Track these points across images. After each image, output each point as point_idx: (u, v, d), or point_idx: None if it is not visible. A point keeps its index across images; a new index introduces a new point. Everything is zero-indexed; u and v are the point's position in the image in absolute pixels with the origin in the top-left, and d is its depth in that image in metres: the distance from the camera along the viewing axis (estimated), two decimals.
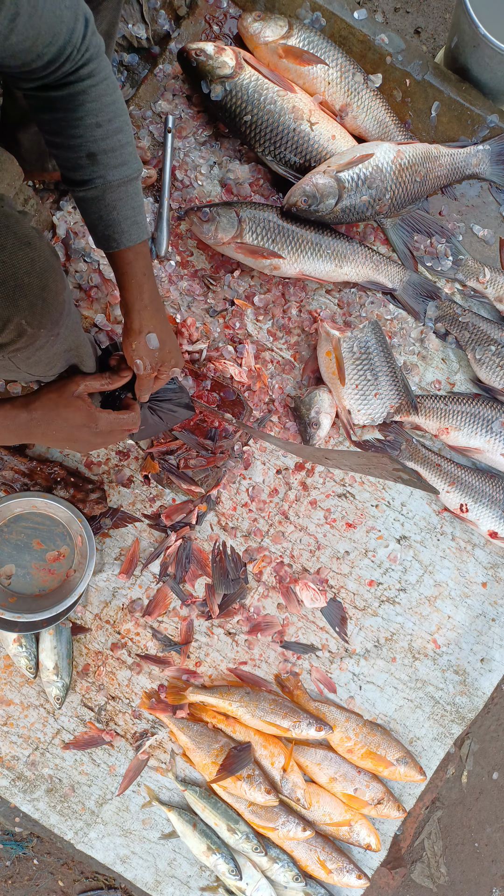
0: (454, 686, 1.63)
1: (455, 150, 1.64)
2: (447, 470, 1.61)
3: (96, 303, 1.58)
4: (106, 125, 1.01)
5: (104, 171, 1.04)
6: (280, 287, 1.62)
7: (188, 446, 1.51)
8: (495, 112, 1.69)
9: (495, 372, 1.62)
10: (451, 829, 1.93)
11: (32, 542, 1.53)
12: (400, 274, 1.63)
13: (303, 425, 1.57)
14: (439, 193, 1.68)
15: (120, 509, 1.57)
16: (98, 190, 1.06)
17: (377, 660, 1.62)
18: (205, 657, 1.58)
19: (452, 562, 1.64)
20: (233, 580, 1.57)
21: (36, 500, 1.49)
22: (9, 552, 1.52)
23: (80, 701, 1.57)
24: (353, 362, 1.54)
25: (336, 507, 1.62)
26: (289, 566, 1.60)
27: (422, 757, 1.62)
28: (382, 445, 1.62)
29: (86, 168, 1.04)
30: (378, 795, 1.56)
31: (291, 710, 1.53)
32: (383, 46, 1.65)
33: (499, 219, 1.71)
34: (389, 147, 1.56)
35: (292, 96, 1.54)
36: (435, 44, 2.12)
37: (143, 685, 1.57)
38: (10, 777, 1.56)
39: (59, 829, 1.57)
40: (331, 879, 1.55)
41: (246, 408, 1.55)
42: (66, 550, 1.53)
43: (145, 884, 1.59)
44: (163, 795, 1.58)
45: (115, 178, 1.05)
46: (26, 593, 1.52)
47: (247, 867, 1.55)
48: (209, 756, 1.52)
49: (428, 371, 1.66)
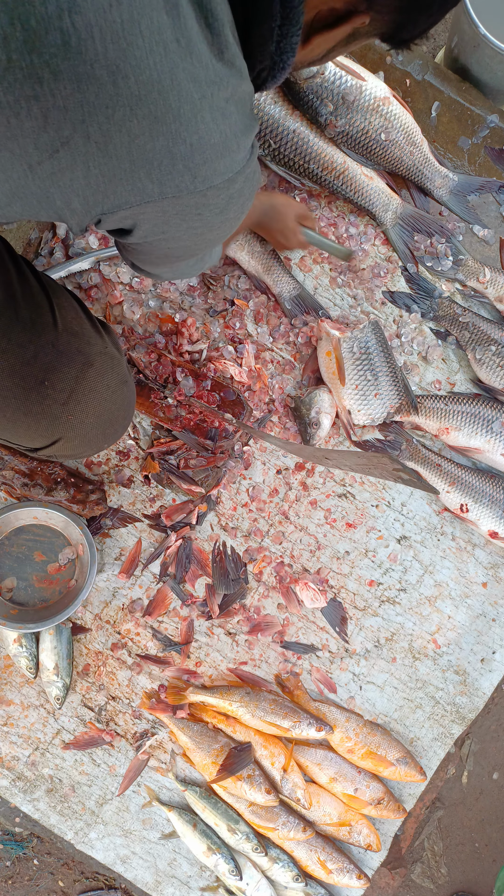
0: (454, 686, 1.63)
1: (431, 157, 1.63)
2: (447, 470, 1.61)
3: (96, 303, 1.58)
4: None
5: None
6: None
7: (188, 446, 1.51)
8: (495, 112, 1.69)
9: (495, 372, 1.62)
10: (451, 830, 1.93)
11: (34, 555, 1.53)
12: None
13: (303, 425, 1.57)
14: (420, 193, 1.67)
15: (120, 509, 1.57)
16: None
17: (377, 660, 1.62)
18: (205, 657, 1.58)
19: (453, 562, 1.64)
20: (233, 580, 1.57)
21: (37, 511, 1.50)
22: (10, 565, 1.53)
23: (80, 701, 1.57)
24: (353, 362, 1.54)
25: (336, 507, 1.62)
26: (289, 566, 1.60)
27: (422, 757, 1.62)
28: (382, 445, 1.62)
29: None
30: (378, 795, 1.56)
31: (291, 710, 1.53)
32: (383, 46, 1.65)
33: (499, 219, 1.71)
34: (384, 88, 1.55)
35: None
36: (435, 44, 2.12)
37: (144, 685, 1.57)
38: (11, 777, 1.56)
39: (60, 829, 1.57)
40: (331, 879, 1.55)
41: (246, 408, 1.55)
42: (68, 563, 1.53)
43: (145, 884, 1.59)
44: (163, 795, 1.58)
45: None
46: (28, 605, 1.52)
47: (247, 867, 1.55)
48: (209, 756, 1.52)
49: (428, 371, 1.66)
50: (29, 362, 1.00)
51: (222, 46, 0.66)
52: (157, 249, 0.83)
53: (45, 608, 1.52)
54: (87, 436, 1.12)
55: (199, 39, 0.63)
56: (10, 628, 1.46)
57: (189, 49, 0.62)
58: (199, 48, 0.63)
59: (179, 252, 0.84)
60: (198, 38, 0.63)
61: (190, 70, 0.63)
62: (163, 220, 0.73)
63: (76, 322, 1.06)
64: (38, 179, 0.65)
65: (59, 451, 1.14)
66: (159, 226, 0.74)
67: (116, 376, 1.10)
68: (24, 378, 1.01)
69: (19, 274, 1.00)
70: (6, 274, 0.98)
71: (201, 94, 0.64)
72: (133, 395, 1.18)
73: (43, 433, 1.09)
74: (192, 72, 0.63)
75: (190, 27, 0.62)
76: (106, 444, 1.19)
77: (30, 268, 1.03)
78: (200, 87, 0.64)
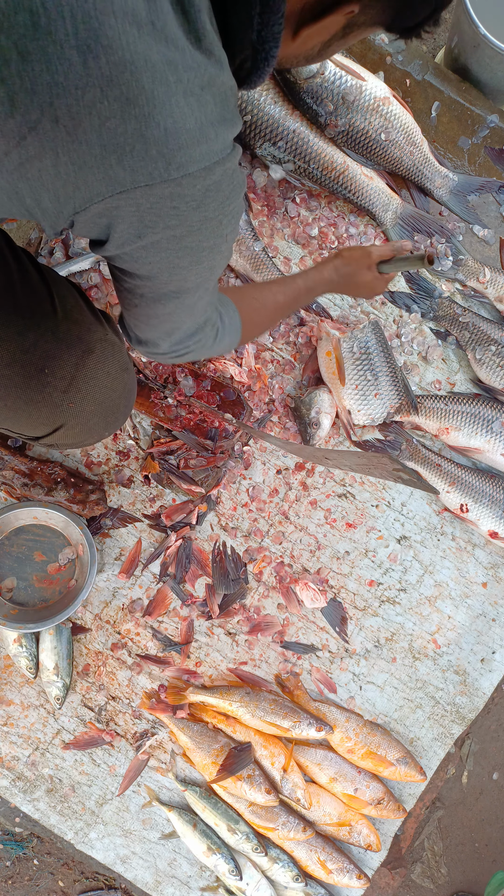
0: (454, 686, 1.63)
1: (431, 157, 1.63)
2: (447, 470, 1.61)
3: (96, 303, 1.57)
4: None
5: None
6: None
7: (188, 446, 1.51)
8: (495, 112, 1.69)
9: (495, 372, 1.61)
10: (451, 830, 1.93)
11: (34, 555, 1.53)
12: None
13: (303, 425, 1.57)
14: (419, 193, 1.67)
15: (120, 509, 1.57)
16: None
17: (377, 660, 1.62)
18: (205, 657, 1.58)
19: (452, 562, 1.64)
20: (233, 580, 1.57)
21: (37, 511, 1.50)
22: (10, 565, 1.53)
23: (80, 701, 1.57)
24: (353, 362, 1.54)
25: (336, 507, 1.62)
26: (289, 566, 1.60)
27: (422, 757, 1.62)
28: (382, 445, 1.62)
29: None
30: (378, 795, 1.56)
31: (291, 711, 1.53)
32: (383, 46, 1.65)
33: (499, 219, 1.71)
34: (384, 88, 1.55)
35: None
36: (435, 44, 2.12)
37: (144, 685, 1.57)
38: (11, 777, 1.56)
39: (60, 829, 1.57)
40: (331, 879, 1.55)
41: (246, 408, 1.55)
42: (68, 563, 1.53)
43: (145, 884, 1.59)
44: (163, 795, 1.58)
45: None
46: (28, 605, 1.52)
47: (247, 867, 1.55)
48: (209, 756, 1.52)
49: (428, 371, 1.66)
50: (29, 350, 1.00)
51: (199, 33, 0.64)
52: (140, 269, 0.78)
53: (45, 608, 1.52)
54: (88, 423, 1.12)
55: (175, 24, 0.62)
56: (10, 628, 1.46)
57: (165, 33, 0.61)
58: (174, 32, 0.61)
59: (164, 275, 0.78)
60: (173, 22, 0.61)
61: (164, 53, 0.61)
62: (138, 219, 0.69)
63: (76, 310, 1.05)
64: (4, 173, 0.63)
65: (61, 440, 1.14)
66: (135, 226, 0.69)
67: (117, 363, 1.09)
68: (25, 366, 1.00)
69: (18, 263, 1.00)
70: (5, 264, 0.98)
71: (177, 77, 0.61)
72: (134, 382, 1.17)
73: (44, 421, 1.09)
74: (167, 55, 0.61)
75: (165, 11, 0.60)
76: (108, 432, 1.18)
77: (30, 259, 1.03)
78: (176, 71, 0.61)
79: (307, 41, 0.79)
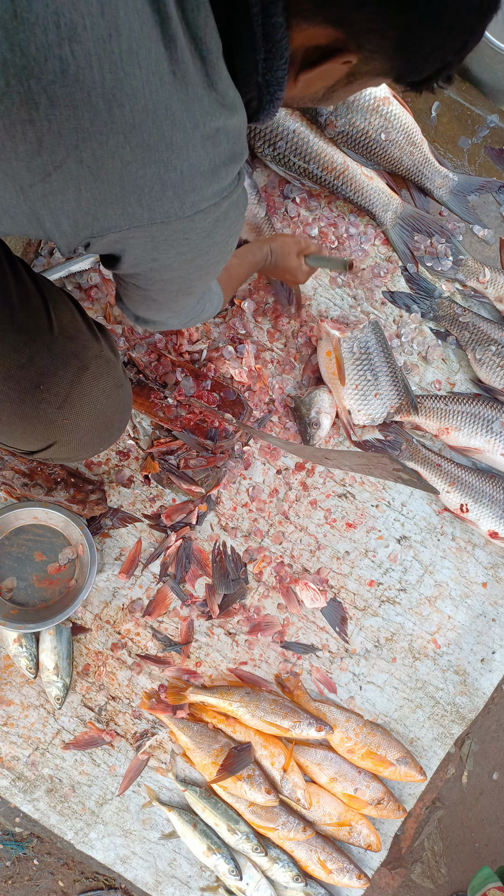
0: (454, 686, 1.63)
1: (431, 157, 1.63)
2: (447, 470, 1.61)
3: (96, 303, 1.58)
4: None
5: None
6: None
7: (188, 446, 1.51)
8: (495, 112, 1.69)
9: (495, 372, 1.62)
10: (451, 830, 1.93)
11: (34, 555, 1.53)
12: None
13: (303, 425, 1.57)
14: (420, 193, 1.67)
15: (120, 509, 1.57)
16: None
17: (377, 660, 1.62)
18: (205, 657, 1.58)
19: (452, 562, 1.64)
20: (233, 580, 1.57)
21: (37, 511, 1.50)
22: (10, 565, 1.53)
23: (80, 701, 1.57)
24: (353, 362, 1.54)
25: (336, 507, 1.62)
26: (289, 566, 1.60)
27: (422, 757, 1.62)
28: (382, 445, 1.62)
29: None
30: (378, 795, 1.56)
31: (291, 711, 1.53)
32: None
33: (499, 219, 1.71)
34: (384, 88, 1.54)
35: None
36: None
37: (144, 685, 1.57)
38: (11, 777, 1.56)
39: (60, 829, 1.57)
40: (331, 879, 1.55)
41: (246, 408, 1.55)
42: (68, 563, 1.53)
43: (145, 884, 1.59)
44: (163, 795, 1.58)
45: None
46: (28, 605, 1.52)
47: (247, 867, 1.55)
48: (209, 756, 1.52)
49: (428, 371, 1.66)
50: (24, 366, 1.01)
51: (215, 78, 0.67)
52: (151, 283, 0.84)
53: (45, 608, 1.52)
54: (82, 439, 1.13)
55: (193, 71, 0.64)
56: (10, 628, 1.46)
57: (185, 80, 0.64)
58: (193, 79, 0.65)
59: (174, 285, 0.85)
60: (191, 70, 0.64)
61: (184, 100, 0.64)
62: (151, 247, 0.74)
63: (72, 325, 1.06)
64: (28, 201, 0.66)
65: (55, 455, 1.15)
66: (148, 251, 0.74)
67: (112, 380, 1.10)
68: (19, 382, 1.01)
69: (16, 276, 1.00)
70: (2, 277, 0.99)
71: (194, 123, 0.65)
72: (129, 399, 1.18)
73: (38, 437, 1.09)
74: (186, 102, 0.64)
75: (185, 59, 0.63)
76: (102, 448, 1.20)
77: (27, 270, 1.03)
78: (193, 117, 0.65)
79: (308, 85, 0.80)
